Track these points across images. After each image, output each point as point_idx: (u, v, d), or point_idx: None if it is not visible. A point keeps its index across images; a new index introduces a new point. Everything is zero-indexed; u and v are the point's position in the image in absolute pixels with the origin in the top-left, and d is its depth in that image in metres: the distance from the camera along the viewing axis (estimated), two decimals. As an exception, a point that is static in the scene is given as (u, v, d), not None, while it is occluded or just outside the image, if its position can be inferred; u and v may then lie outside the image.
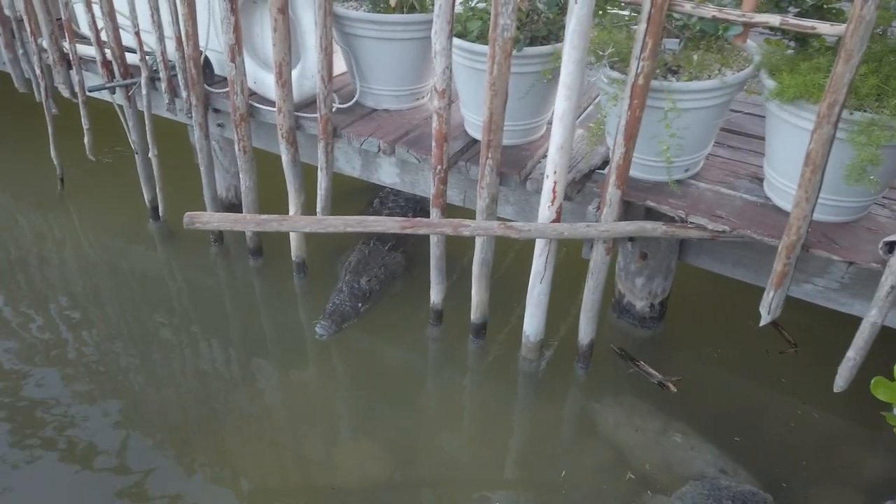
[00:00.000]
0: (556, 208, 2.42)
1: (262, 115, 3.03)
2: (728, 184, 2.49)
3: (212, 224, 2.36)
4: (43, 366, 2.86)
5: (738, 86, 2.25)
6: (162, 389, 2.77)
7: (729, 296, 3.16)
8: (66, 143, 3.89)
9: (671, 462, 2.48)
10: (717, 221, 2.30)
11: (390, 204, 3.71)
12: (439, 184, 2.62)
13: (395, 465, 2.49)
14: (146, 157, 3.45)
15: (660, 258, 2.76)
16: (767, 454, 2.50)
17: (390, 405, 2.73)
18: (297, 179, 3.02)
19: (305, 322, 3.13)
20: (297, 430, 2.62)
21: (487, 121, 2.36)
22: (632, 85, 2.10)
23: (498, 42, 2.20)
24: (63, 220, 3.77)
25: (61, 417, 2.64)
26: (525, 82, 2.48)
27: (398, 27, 2.71)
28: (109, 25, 3.09)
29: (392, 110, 3.02)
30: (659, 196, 2.42)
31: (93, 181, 4.06)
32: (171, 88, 3.17)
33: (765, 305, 2.30)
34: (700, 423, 2.61)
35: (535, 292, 2.66)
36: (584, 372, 2.82)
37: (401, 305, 3.21)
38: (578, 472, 2.47)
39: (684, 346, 2.96)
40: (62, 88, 3.57)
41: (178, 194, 3.64)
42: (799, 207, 2.05)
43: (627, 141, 2.20)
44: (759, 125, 2.85)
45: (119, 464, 2.46)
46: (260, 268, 3.43)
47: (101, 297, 3.24)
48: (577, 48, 2.11)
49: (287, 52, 2.68)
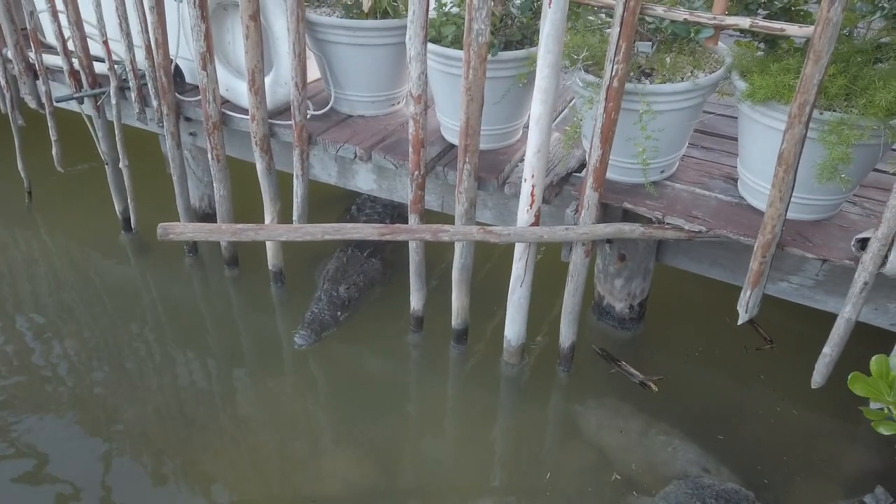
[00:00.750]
0: (534, 212, 2.42)
1: (236, 123, 2.99)
2: (703, 184, 2.52)
3: (186, 235, 2.32)
4: (12, 381, 2.78)
5: (710, 87, 2.27)
6: (137, 405, 2.71)
7: (705, 295, 3.19)
8: (33, 155, 3.80)
9: (654, 462, 2.49)
10: (694, 222, 2.32)
11: (367, 210, 3.69)
12: (417, 189, 2.61)
13: (379, 474, 2.47)
14: (116, 167, 3.38)
15: (638, 259, 2.78)
16: (748, 451, 2.52)
17: (373, 413, 2.70)
18: (273, 188, 2.98)
19: (284, 332, 3.09)
20: (277, 442, 2.58)
21: (464, 125, 2.35)
22: (606, 88, 2.11)
23: (473, 47, 2.19)
24: (31, 234, 3.68)
25: (29, 434, 2.56)
26: (500, 87, 2.48)
27: (372, 33, 2.69)
28: (76, 34, 3.03)
29: (367, 116, 3.00)
30: (636, 198, 2.44)
31: (62, 194, 3.97)
32: (142, 97, 3.11)
33: (742, 304, 2.32)
34: (682, 422, 2.63)
35: (516, 296, 2.66)
36: (565, 374, 2.82)
37: (380, 313, 3.18)
38: (562, 474, 2.47)
39: (664, 347, 2.98)
40: (28, 99, 3.49)
41: (150, 205, 3.58)
42: (773, 206, 2.08)
43: (604, 143, 2.21)
44: (731, 126, 2.89)
45: (92, 481, 2.40)
46: (236, 278, 3.38)
47: (73, 312, 3.16)
48: (551, 52, 2.12)
49: (260, 59, 2.65)
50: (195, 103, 3.05)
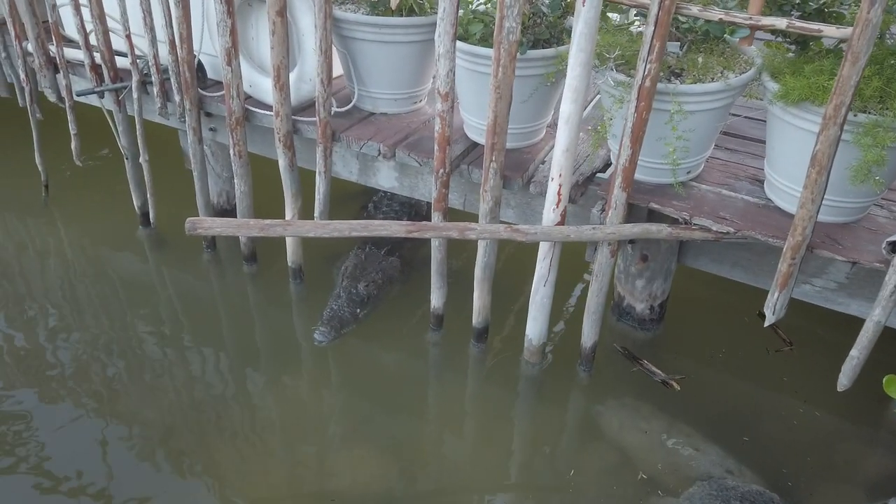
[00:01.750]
0: (560, 211, 2.42)
1: (258, 119, 2.98)
2: (729, 185, 2.52)
3: (214, 229, 2.31)
4: (27, 376, 2.77)
5: (740, 88, 2.27)
6: (152, 400, 2.70)
7: (724, 297, 3.19)
8: (50, 148, 3.79)
9: (677, 463, 2.48)
10: (722, 223, 2.32)
11: (384, 208, 3.68)
12: (441, 187, 2.60)
13: (398, 472, 2.46)
14: (136, 162, 3.38)
15: (660, 260, 2.78)
16: (771, 453, 2.52)
17: (391, 412, 2.70)
18: (295, 184, 2.98)
19: (302, 329, 3.09)
20: (295, 439, 2.57)
21: (492, 124, 2.35)
22: (638, 87, 2.10)
23: (503, 45, 2.19)
24: (48, 227, 3.68)
25: (40, 428, 2.55)
26: (528, 85, 2.47)
27: (398, 30, 2.69)
28: (99, 28, 3.03)
29: (390, 114, 3.00)
30: (662, 198, 2.43)
31: (78, 187, 3.97)
32: (164, 92, 3.11)
33: (769, 306, 2.32)
34: (703, 423, 2.62)
35: (539, 296, 2.65)
36: (586, 374, 2.82)
37: (399, 310, 3.18)
38: (585, 474, 2.46)
39: (684, 348, 2.98)
40: (48, 93, 3.48)
41: (167, 200, 3.57)
42: (804, 208, 2.07)
43: (634, 143, 2.20)
44: (755, 128, 2.90)
45: (105, 476, 2.39)
46: (254, 274, 3.37)
47: (89, 306, 3.16)
48: (583, 51, 2.12)
49: (285, 55, 2.65)
50: (217, 99, 3.05)
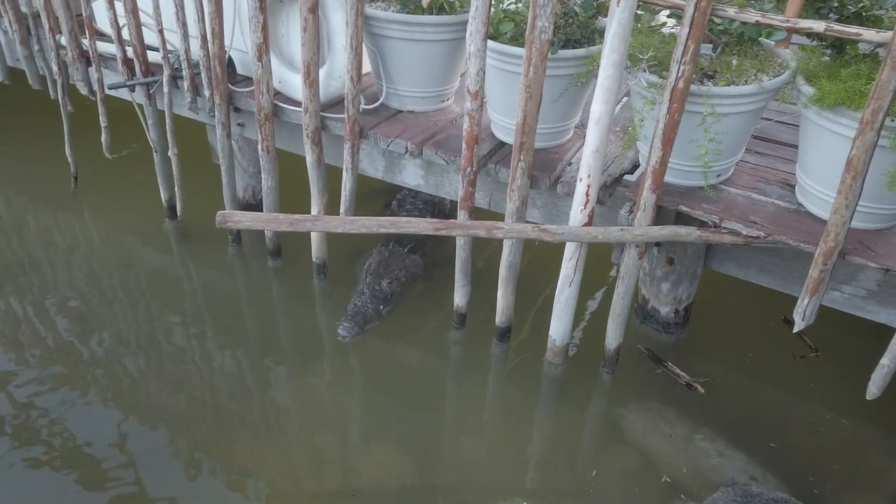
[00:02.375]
0: (588, 212, 2.41)
1: (287, 115, 3.01)
2: (759, 189, 2.49)
3: (244, 223, 2.33)
4: (51, 367, 2.81)
5: (774, 91, 2.25)
6: (175, 392, 2.73)
7: (748, 301, 3.17)
8: (80, 141, 3.85)
9: (700, 468, 2.47)
10: (752, 227, 2.30)
11: (408, 206, 3.70)
12: (468, 186, 2.61)
13: (418, 470, 2.47)
14: (165, 155, 3.42)
15: (686, 264, 2.76)
16: (797, 460, 2.50)
17: (412, 409, 2.71)
18: (322, 180, 3.00)
19: (326, 324, 3.11)
20: (317, 433, 2.59)
21: (521, 123, 2.35)
22: (671, 89, 2.09)
23: (535, 44, 2.19)
24: (76, 218, 3.73)
25: (67, 421, 2.58)
26: (558, 85, 2.47)
27: (428, 28, 2.70)
28: (132, 23, 3.06)
29: (417, 112, 3.00)
30: (691, 201, 2.42)
31: (106, 180, 4.02)
32: (194, 87, 3.14)
33: (798, 312, 2.29)
34: (727, 428, 2.60)
35: (564, 296, 2.65)
36: (610, 377, 2.81)
37: (422, 308, 3.19)
38: (606, 477, 2.46)
39: (708, 352, 2.96)
40: (80, 86, 3.53)
41: (193, 194, 3.61)
42: (838, 214, 2.05)
43: (665, 145, 2.19)
44: (785, 132, 2.87)
45: (131, 467, 2.42)
46: (279, 269, 3.40)
47: (115, 298, 3.20)
48: (616, 51, 2.11)
49: (316, 51, 2.66)
50: (246, 94, 3.08)
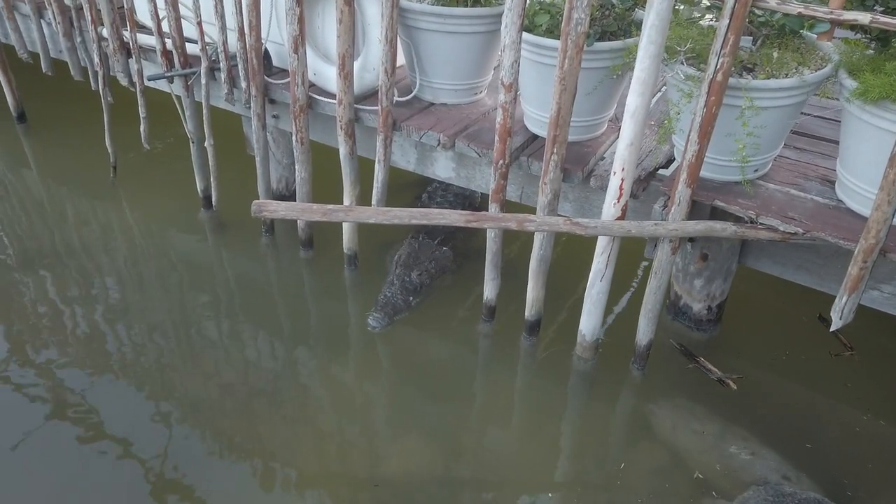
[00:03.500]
0: (621, 206, 2.39)
1: (321, 107, 3.04)
2: (798, 185, 2.45)
3: (279, 213, 2.37)
4: (88, 352, 2.88)
5: (815, 85, 2.20)
6: (207, 379, 2.78)
7: (781, 298, 3.12)
8: (118, 131, 3.93)
9: (732, 466, 2.44)
10: (790, 223, 2.26)
11: (438, 199, 3.71)
12: (500, 179, 2.61)
13: (444, 461, 2.48)
14: (202, 146, 3.48)
15: (721, 260, 2.73)
16: (831, 461, 2.45)
17: (441, 400, 2.72)
18: (354, 172, 3.02)
19: (356, 314, 3.14)
20: (345, 422, 2.62)
21: (555, 116, 2.34)
22: (709, 82, 2.06)
23: (570, 36, 2.18)
24: (114, 207, 3.82)
25: (96, 400, 2.65)
26: (593, 78, 2.45)
27: (462, 20, 2.70)
28: (171, 15, 3.12)
29: (450, 104, 3.01)
30: (727, 196, 2.39)
31: (144, 169, 4.11)
32: (231, 79, 3.19)
33: (837, 310, 2.25)
34: (760, 427, 2.57)
35: (594, 291, 2.64)
36: (640, 373, 2.79)
37: (451, 300, 3.20)
38: (635, 472, 2.44)
39: (741, 350, 2.92)
40: (120, 77, 3.61)
41: (228, 184, 3.67)
42: (879, 210, 2.01)
43: (702, 139, 2.16)
44: (825, 127, 2.81)
45: (161, 452, 2.47)
46: (310, 259, 3.44)
47: (151, 285, 3.27)
48: (654, 43, 2.09)
49: (351, 44, 2.69)
50: (281, 86, 3.12)
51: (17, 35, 4.08)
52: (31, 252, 3.45)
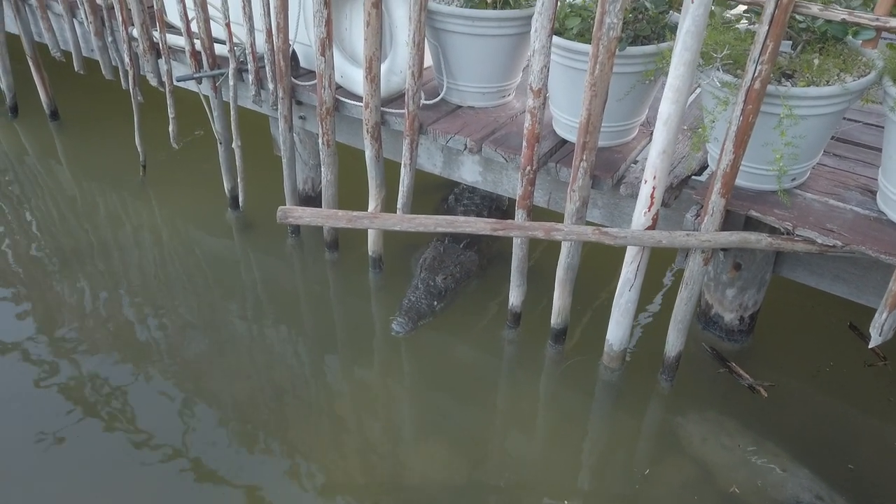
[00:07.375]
0: (652, 215, 2.34)
1: (347, 110, 3.02)
2: (837, 195, 2.36)
3: (304, 219, 2.36)
4: (114, 351, 2.91)
5: (858, 93, 2.12)
6: (232, 380, 2.79)
7: (814, 308, 3.03)
8: (147, 130, 3.97)
9: (763, 484, 2.37)
10: (828, 235, 2.18)
11: (465, 202, 3.67)
12: (527, 185, 2.56)
13: (467, 467, 2.46)
14: (229, 147, 3.49)
15: (754, 270, 2.65)
16: (867, 481, 2.38)
17: (464, 406, 2.70)
18: (380, 175, 3.01)
19: (380, 318, 3.13)
20: (369, 426, 2.61)
21: (585, 122, 2.29)
22: (747, 89, 2.00)
23: (602, 41, 2.12)
24: (143, 206, 3.86)
25: (128, 403, 2.67)
26: (625, 83, 2.40)
27: (492, 23, 2.65)
28: (200, 16, 3.13)
29: (477, 108, 2.97)
30: (763, 206, 2.31)
31: (173, 169, 4.14)
32: (259, 80, 3.19)
33: (876, 327, 2.17)
34: (791, 442, 2.50)
35: (623, 300, 2.58)
36: (668, 384, 2.73)
37: (476, 305, 3.17)
38: (661, 486, 2.39)
39: (774, 361, 2.84)
40: (150, 77, 3.64)
41: (255, 185, 3.68)
42: (925, 224, 1.93)
43: (737, 147, 2.10)
44: (867, 134, 2.71)
45: (186, 451, 2.49)
46: (335, 261, 3.43)
47: (178, 284, 3.30)
48: (689, 49, 2.02)
49: (378, 47, 2.66)
50: (308, 88, 3.11)
51: (51, 34, 4.14)
52: (65, 249, 3.50)
